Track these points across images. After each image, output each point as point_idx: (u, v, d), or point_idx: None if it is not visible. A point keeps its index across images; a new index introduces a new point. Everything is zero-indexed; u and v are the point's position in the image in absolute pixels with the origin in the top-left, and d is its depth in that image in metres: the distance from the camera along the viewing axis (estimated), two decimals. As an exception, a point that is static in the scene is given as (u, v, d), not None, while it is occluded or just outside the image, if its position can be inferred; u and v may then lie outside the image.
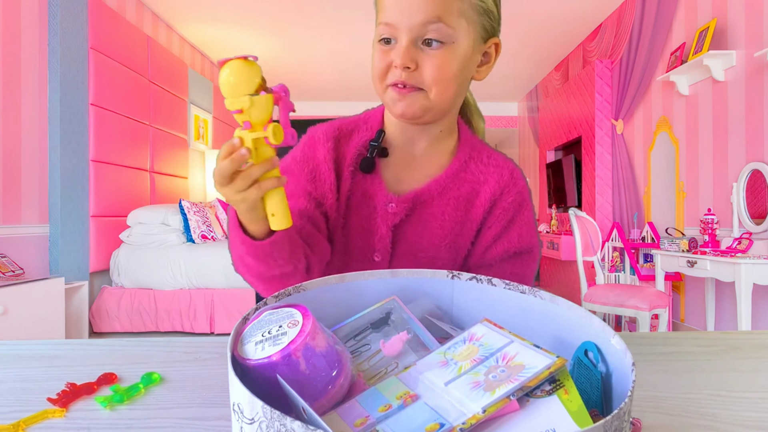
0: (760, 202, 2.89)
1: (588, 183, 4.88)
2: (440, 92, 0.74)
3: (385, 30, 0.74)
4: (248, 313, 0.48)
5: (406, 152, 0.83)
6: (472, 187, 0.82)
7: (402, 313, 0.55)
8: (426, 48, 0.72)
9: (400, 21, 0.72)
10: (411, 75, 0.73)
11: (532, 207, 0.85)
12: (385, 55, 0.74)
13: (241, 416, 0.37)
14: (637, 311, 2.94)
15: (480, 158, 0.83)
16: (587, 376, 0.45)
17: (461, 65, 0.75)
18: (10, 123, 3.04)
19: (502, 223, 0.81)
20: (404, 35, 0.72)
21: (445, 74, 0.73)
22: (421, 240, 0.81)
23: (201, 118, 5.55)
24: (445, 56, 0.73)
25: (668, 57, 3.74)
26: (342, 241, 0.82)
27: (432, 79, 0.73)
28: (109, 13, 3.84)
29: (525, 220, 0.82)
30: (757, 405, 0.55)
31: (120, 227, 3.95)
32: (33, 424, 0.50)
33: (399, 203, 0.80)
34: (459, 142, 0.85)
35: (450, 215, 0.81)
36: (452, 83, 0.75)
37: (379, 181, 0.81)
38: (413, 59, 0.72)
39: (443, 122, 0.81)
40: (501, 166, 0.83)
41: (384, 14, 0.74)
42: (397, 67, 0.73)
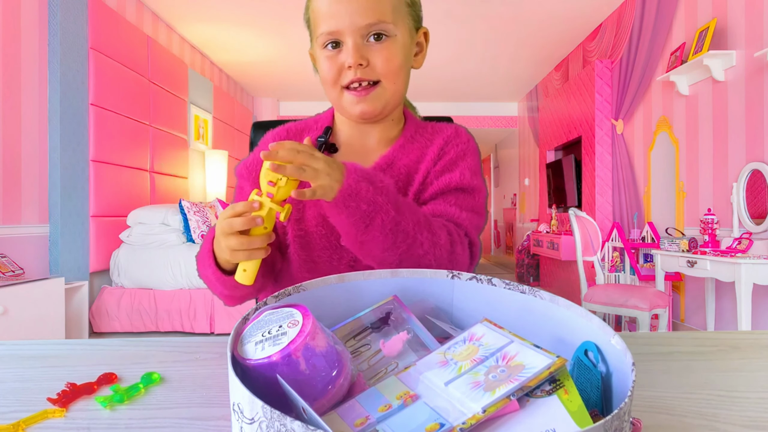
0: (760, 202, 2.89)
1: (588, 183, 4.88)
2: (393, 82, 0.80)
3: (329, 37, 0.78)
4: (248, 313, 0.48)
5: (359, 144, 0.88)
6: (420, 152, 0.87)
7: (402, 313, 0.55)
8: (372, 45, 0.78)
9: (342, 26, 0.77)
10: (365, 71, 0.78)
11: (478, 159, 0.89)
12: (334, 60, 0.79)
13: (241, 416, 0.37)
14: (637, 311, 2.94)
15: (425, 130, 0.90)
16: (587, 376, 0.45)
17: (404, 55, 0.81)
18: (10, 123, 3.04)
19: (444, 162, 0.85)
20: (350, 37, 0.77)
21: (394, 65, 0.79)
22: None
23: (201, 118, 5.55)
24: (390, 48, 0.79)
25: (668, 57, 3.74)
26: (301, 234, 0.85)
27: (384, 70, 0.79)
28: (109, 13, 3.84)
29: (469, 164, 0.86)
30: (757, 405, 0.55)
31: (120, 227, 3.95)
32: (33, 424, 0.50)
33: None
34: (405, 125, 0.91)
35: (403, 181, 0.86)
36: (401, 72, 0.81)
37: None
38: (364, 56, 0.77)
39: (394, 112, 0.87)
40: (446, 129, 0.90)
41: (324, 25, 0.78)
42: (350, 67, 0.78)
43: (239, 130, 6.68)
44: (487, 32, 5.22)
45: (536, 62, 6.15)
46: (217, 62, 6.18)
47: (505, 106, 8.15)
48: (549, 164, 6.01)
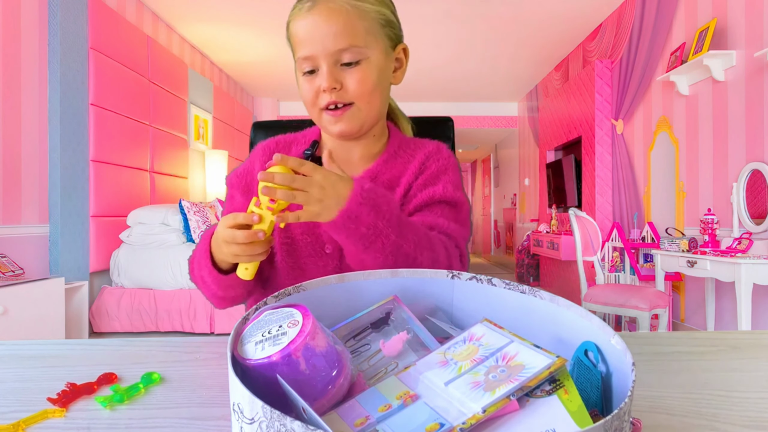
0: (760, 202, 2.89)
1: (588, 183, 4.88)
2: (367, 102, 0.84)
3: (306, 63, 0.82)
4: (248, 313, 0.48)
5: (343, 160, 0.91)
6: (403, 167, 0.91)
7: (402, 313, 0.55)
8: (346, 68, 0.82)
9: (316, 52, 0.80)
10: (339, 94, 0.82)
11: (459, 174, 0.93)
12: (312, 83, 0.83)
13: (241, 416, 0.37)
14: (637, 311, 2.94)
15: (408, 146, 0.94)
16: (587, 376, 0.45)
17: (379, 75, 0.84)
18: (10, 123, 3.04)
19: (427, 177, 0.90)
20: (324, 62, 0.81)
21: (368, 86, 0.83)
22: None
23: (201, 118, 5.55)
24: (363, 71, 0.82)
25: (668, 57, 3.74)
26: (288, 242, 0.89)
27: (357, 93, 0.82)
28: (109, 13, 3.84)
29: (450, 179, 0.91)
30: (757, 405, 0.55)
31: (120, 227, 3.95)
32: (33, 424, 0.50)
33: None
34: (388, 141, 0.95)
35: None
36: (375, 93, 0.84)
37: None
38: (337, 80, 0.81)
39: (374, 128, 0.91)
40: (427, 145, 0.94)
41: (301, 49, 0.82)
42: (325, 91, 0.81)
43: (239, 130, 6.68)
44: (487, 32, 5.22)
45: (536, 62, 6.15)
46: (217, 62, 6.18)
47: (505, 106, 8.15)
48: (549, 164, 6.01)
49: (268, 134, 1.13)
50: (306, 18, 0.81)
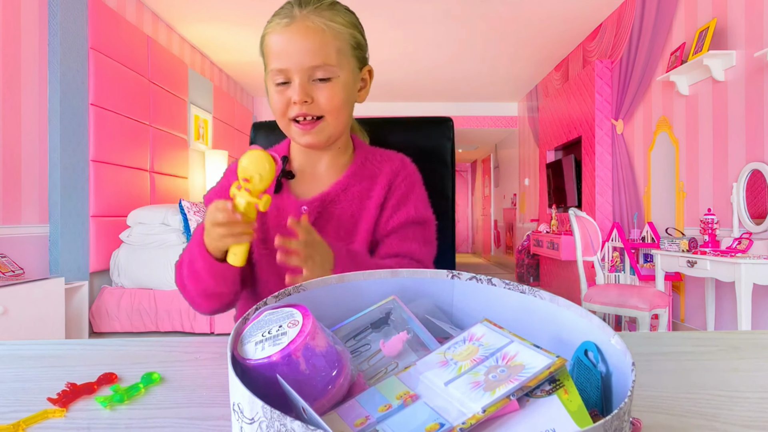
0: (760, 202, 2.89)
1: (588, 183, 4.88)
2: (335, 118, 0.89)
3: (280, 75, 0.86)
4: (248, 313, 0.48)
5: (311, 171, 0.97)
6: (371, 180, 0.96)
7: (402, 313, 0.55)
8: (317, 83, 0.86)
9: (290, 66, 0.85)
10: (309, 107, 0.86)
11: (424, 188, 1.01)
12: (283, 94, 0.87)
13: (241, 416, 0.37)
14: (637, 311, 2.94)
15: (374, 157, 0.99)
16: (587, 376, 0.45)
17: (346, 94, 0.89)
18: (10, 123, 3.04)
19: (398, 196, 0.96)
20: (297, 76, 0.85)
21: (337, 103, 0.88)
22: (338, 232, 0.94)
23: (201, 118, 5.55)
24: (333, 88, 0.87)
25: (668, 57, 3.74)
26: (265, 253, 0.94)
27: (327, 107, 0.87)
28: (109, 13, 3.84)
29: (419, 196, 0.98)
30: (757, 405, 0.55)
31: (120, 227, 3.95)
32: (33, 424, 0.50)
33: (310, 204, 0.94)
34: (354, 152, 1.00)
35: (356, 206, 0.95)
36: (343, 109, 0.90)
37: (289, 195, 0.95)
38: (308, 94, 0.86)
39: (339, 141, 0.96)
40: (392, 158, 0.99)
41: (275, 61, 0.86)
42: (296, 103, 0.86)
43: (239, 130, 6.68)
44: (487, 32, 5.22)
45: (536, 62, 6.15)
46: (217, 62, 6.18)
47: (505, 106, 8.15)
48: (549, 164, 6.01)
49: (268, 134, 1.13)
50: (283, 33, 0.85)
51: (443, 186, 1.14)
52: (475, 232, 12.41)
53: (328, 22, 0.86)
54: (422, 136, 1.16)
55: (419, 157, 1.13)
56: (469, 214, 12.96)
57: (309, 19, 0.85)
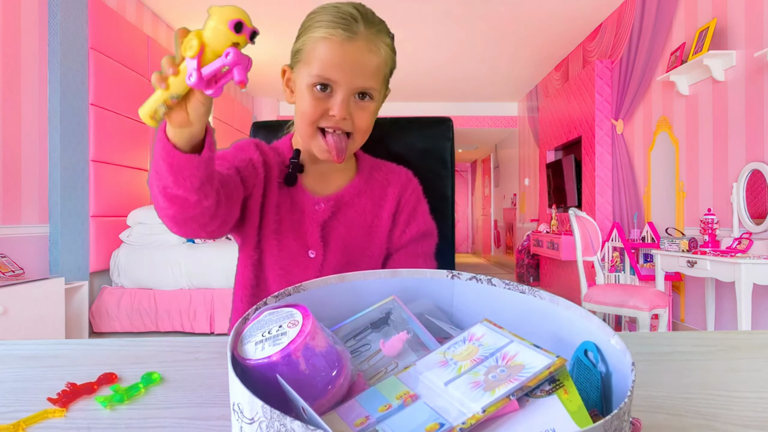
0: (760, 202, 2.89)
1: (588, 183, 4.88)
2: (362, 137, 0.91)
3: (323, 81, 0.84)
4: (248, 313, 0.48)
5: (318, 168, 0.97)
6: (381, 189, 0.99)
7: (402, 313, 0.55)
8: (357, 101, 0.87)
9: (341, 79, 0.84)
10: (345, 123, 0.86)
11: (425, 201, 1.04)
12: (321, 103, 0.85)
13: (241, 416, 0.37)
14: (637, 311, 2.94)
15: (380, 168, 1.02)
16: (587, 376, 0.45)
17: (375, 115, 0.91)
18: (10, 123, 3.04)
19: (408, 211, 0.99)
20: (343, 91, 0.84)
21: (369, 124, 0.90)
22: (351, 234, 0.95)
23: (201, 118, 5.55)
24: (369, 110, 0.88)
25: (668, 57, 3.74)
26: (275, 244, 0.93)
27: (360, 127, 0.88)
28: (109, 13, 3.84)
29: (424, 209, 1.02)
30: (757, 405, 0.55)
31: (120, 227, 3.95)
32: (33, 424, 0.50)
33: (326, 202, 0.94)
34: (358, 159, 1.02)
35: (369, 211, 0.97)
36: (369, 128, 0.91)
37: (303, 189, 0.95)
38: (349, 112, 0.86)
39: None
40: (397, 171, 1.02)
41: (323, 69, 0.84)
42: (334, 116, 0.85)
43: (239, 130, 6.68)
44: (487, 32, 5.22)
45: (536, 62, 6.15)
46: (217, 62, 6.18)
47: (505, 106, 8.15)
48: (549, 164, 6.01)
49: (268, 134, 1.13)
50: (343, 45, 0.83)
51: (443, 186, 1.14)
52: (475, 232, 12.41)
53: (383, 46, 0.87)
54: (422, 136, 1.16)
55: (419, 157, 1.13)
56: (469, 214, 12.96)
57: (374, 41, 0.85)
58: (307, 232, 0.94)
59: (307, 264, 0.93)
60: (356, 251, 0.96)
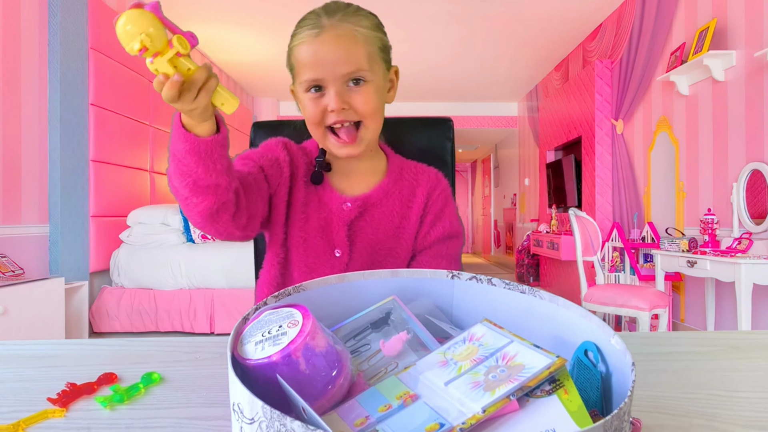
0: (760, 202, 2.89)
1: (588, 183, 4.88)
2: (373, 121, 0.90)
3: (313, 83, 0.86)
4: (248, 313, 0.48)
5: (347, 168, 0.99)
6: (410, 190, 1.00)
7: (402, 313, 0.55)
8: (352, 88, 0.87)
9: (325, 75, 0.85)
10: (346, 113, 0.87)
11: (454, 202, 1.04)
12: (318, 102, 0.87)
13: (241, 416, 0.37)
14: (637, 311, 2.94)
15: (409, 168, 1.02)
16: (587, 376, 0.45)
17: (379, 96, 0.91)
18: (10, 123, 3.04)
19: (435, 211, 0.99)
20: (332, 85, 0.86)
21: (372, 106, 0.89)
22: (377, 234, 0.96)
23: (201, 118, 5.55)
24: (368, 92, 0.88)
25: (668, 57, 3.74)
26: (301, 242, 0.95)
27: (364, 112, 0.88)
28: (109, 13, 3.84)
29: (452, 211, 1.02)
30: (757, 405, 0.55)
31: (120, 227, 3.95)
32: (33, 424, 0.50)
33: (353, 202, 0.95)
34: (388, 159, 1.02)
35: (397, 212, 0.98)
36: (378, 112, 0.91)
37: (331, 189, 0.97)
38: (345, 101, 0.86)
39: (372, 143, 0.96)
40: (427, 171, 1.02)
41: (308, 72, 0.86)
42: (333, 111, 0.86)
43: (239, 130, 6.68)
44: (487, 32, 5.22)
45: (536, 62, 6.15)
46: (217, 62, 6.18)
47: (505, 106, 8.15)
48: (549, 164, 6.01)
49: (268, 134, 1.13)
50: (313, 43, 0.85)
51: (443, 186, 1.14)
52: (475, 232, 12.41)
53: (357, 28, 0.86)
54: (422, 136, 1.16)
55: (419, 157, 1.13)
56: (469, 214, 12.96)
57: (339, 27, 0.85)
58: (333, 231, 0.95)
59: (333, 263, 0.95)
60: (383, 252, 0.96)
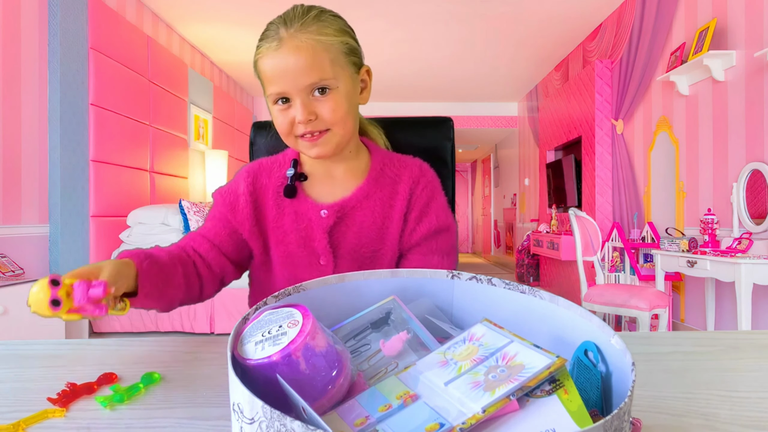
0: (760, 202, 2.89)
1: (588, 183, 4.88)
2: (342, 128, 0.88)
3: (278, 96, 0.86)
4: (248, 313, 0.48)
5: (325, 174, 0.97)
6: (392, 187, 0.96)
7: (402, 313, 0.55)
8: (318, 98, 0.85)
9: (288, 87, 0.84)
10: (314, 124, 0.86)
11: (443, 193, 1.01)
12: (286, 114, 0.87)
13: (241, 416, 0.37)
14: (637, 311, 2.94)
15: (392, 163, 0.98)
16: (587, 376, 0.45)
17: (348, 102, 0.88)
18: (10, 123, 3.04)
19: (420, 207, 0.96)
20: (296, 97, 0.85)
21: (340, 113, 0.86)
22: (360, 238, 0.94)
23: (201, 118, 5.55)
24: (334, 100, 0.86)
25: (668, 57, 3.74)
26: (285, 256, 0.96)
27: (332, 120, 0.86)
28: (109, 13, 3.84)
29: (439, 204, 0.98)
30: (757, 405, 0.55)
31: (120, 227, 3.95)
32: (33, 424, 0.50)
33: (330, 209, 0.93)
34: (371, 156, 0.99)
35: (378, 213, 0.95)
36: (348, 118, 0.88)
37: (306, 199, 0.95)
38: (311, 111, 0.85)
39: (349, 146, 0.95)
40: (411, 165, 0.99)
41: (272, 85, 0.85)
42: (300, 122, 0.85)
43: (239, 130, 6.68)
44: (487, 32, 5.22)
45: (536, 62, 6.15)
46: (217, 62, 6.18)
47: (505, 106, 8.15)
48: (549, 164, 6.01)
49: (268, 134, 1.13)
50: (274, 57, 0.84)
51: (443, 186, 1.14)
52: (475, 232, 12.41)
53: (317, 37, 0.84)
54: (422, 136, 1.16)
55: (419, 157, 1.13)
56: (469, 214, 12.96)
57: (297, 38, 0.83)
58: (314, 241, 0.94)
59: (319, 272, 0.93)
60: (367, 255, 0.95)
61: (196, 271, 0.91)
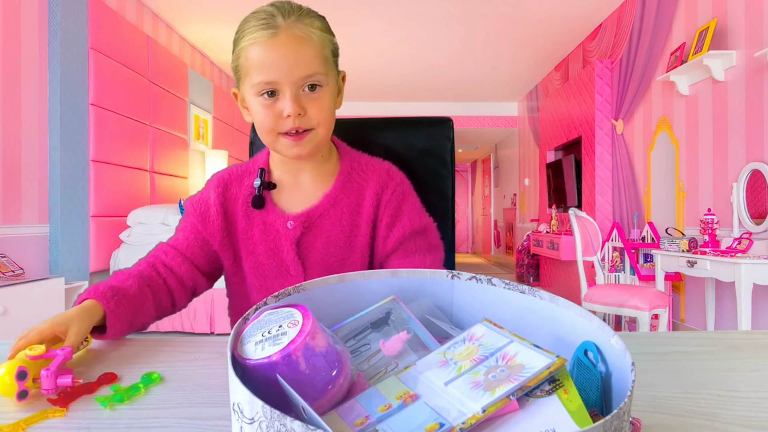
0: (760, 202, 2.89)
1: (588, 183, 4.88)
2: (324, 128, 0.86)
3: (266, 86, 0.82)
4: (248, 313, 0.48)
5: (294, 181, 0.95)
6: (359, 193, 0.94)
7: (402, 313, 0.55)
8: (308, 94, 0.83)
9: (280, 77, 0.81)
10: (302, 120, 0.83)
11: (414, 194, 0.97)
12: (271, 107, 0.83)
13: (241, 416, 0.37)
14: (637, 311, 2.94)
15: (360, 167, 0.96)
16: (587, 376, 0.45)
17: (333, 101, 0.88)
18: (10, 123, 3.04)
19: (390, 212, 0.93)
20: (288, 89, 0.82)
21: (327, 112, 0.86)
22: (328, 248, 0.92)
23: (201, 118, 5.55)
24: (324, 97, 0.85)
25: (668, 57, 3.74)
26: (255, 267, 0.94)
27: (318, 118, 0.84)
28: (109, 13, 3.84)
29: (411, 206, 0.95)
30: (757, 405, 0.55)
31: (120, 227, 3.95)
32: (33, 424, 0.50)
33: (296, 219, 0.91)
34: (340, 159, 0.97)
35: (346, 221, 0.92)
36: (330, 119, 0.88)
37: (274, 209, 0.93)
38: (302, 106, 0.83)
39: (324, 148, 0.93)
40: (378, 169, 0.96)
41: (261, 74, 0.82)
42: (289, 116, 0.82)
43: (239, 130, 6.68)
44: (487, 32, 5.22)
45: (536, 62, 6.15)
46: (217, 62, 6.18)
47: (505, 106, 8.15)
48: (549, 164, 6.01)
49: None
50: (268, 44, 0.81)
51: (443, 186, 1.14)
52: (475, 232, 12.41)
53: (313, 30, 0.83)
54: (422, 136, 1.16)
55: (419, 157, 1.13)
56: (469, 214, 12.96)
57: (295, 28, 0.81)
58: (283, 252, 0.92)
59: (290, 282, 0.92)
60: (335, 264, 0.92)
61: (167, 289, 0.90)
